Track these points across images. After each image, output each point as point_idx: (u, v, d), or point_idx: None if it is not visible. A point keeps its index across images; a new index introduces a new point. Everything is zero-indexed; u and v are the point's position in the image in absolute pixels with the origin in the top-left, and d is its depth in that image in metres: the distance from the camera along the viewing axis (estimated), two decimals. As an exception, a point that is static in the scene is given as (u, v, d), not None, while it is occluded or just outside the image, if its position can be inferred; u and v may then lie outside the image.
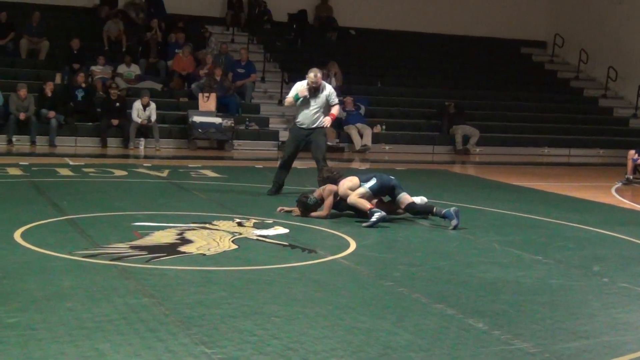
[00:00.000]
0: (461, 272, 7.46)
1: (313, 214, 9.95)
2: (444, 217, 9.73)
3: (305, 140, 11.83)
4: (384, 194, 10.07)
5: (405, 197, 9.97)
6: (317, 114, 11.68)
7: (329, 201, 9.92)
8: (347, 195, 9.81)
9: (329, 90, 11.77)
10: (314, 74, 11.55)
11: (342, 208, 10.10)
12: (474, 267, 7.69)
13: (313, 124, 11.72)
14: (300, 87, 11.69)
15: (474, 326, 5.69)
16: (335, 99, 11.85)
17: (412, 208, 9.96)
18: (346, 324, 5.60)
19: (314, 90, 11.55)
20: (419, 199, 10.28)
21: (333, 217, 9.97)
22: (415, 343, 5.28)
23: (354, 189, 9.84)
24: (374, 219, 9.44)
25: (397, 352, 5.09)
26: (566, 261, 8.13)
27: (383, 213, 9.55)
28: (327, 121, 11.74)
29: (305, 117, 11.70)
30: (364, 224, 9.46)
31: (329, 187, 9.98)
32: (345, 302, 6.16)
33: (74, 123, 18.99)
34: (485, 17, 27.73)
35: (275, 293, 6.36)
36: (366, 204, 9.66)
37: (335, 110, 11.91)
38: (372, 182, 9.83)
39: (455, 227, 9.55)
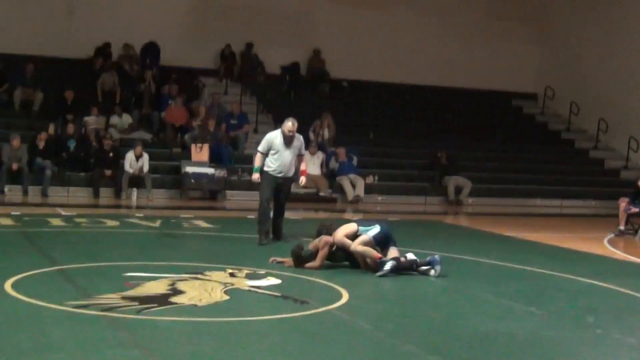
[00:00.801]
0: (454, 323, 7.43)
1: (306, 264, 9.92)
2: (428, 264, 9.70)
3: (277, 187, 12.10)
4: (383, 245, 10.01)
5: (393, 251, 9.91)
6: (292, 162, 12.14)
7: (323, 252, 9.90)
8: (343, 243, 9.81)
9: (301, 140, 12.25)
10: (291, 123, 11.96)
11: (337, 259, 10.07)
12: (467, 318, 7.66)
13: (289, 172, 12.14)
14: (272, 137, 12.05)
15: (467, 378, 5.66)
16: (304, 150, 12.49)
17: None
18: (339, 376, 5.56)
19: (290, 139, 11.91)
20: (410, 255, 10.17)
21: (326, 268, 9.94)
22: (408, 395, 5.24)
23: (350, 235, 9.84)
24: (387, 267, 9.44)
25: (390, 404, 5.05)
26: (559, 312, 8.11)
27: (394, 262, 9.55)
28: (303, 180, 12.78)
29: (282, 166, 12.01)
30: (378, 274, 9.44)
31: (325, 238, 9.98)
32: (338, 354, 6.13)
33: (66, 173, 18.97)
34: (477, 70, 27.94)
35: (268, 345, 6.32)
36: (374, 253, 9.66)
37: (304, 163, 12.75)
38: (376, 230, 9.81)
39: (439, 274, 9.55)
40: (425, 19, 27.49)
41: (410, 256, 10.06)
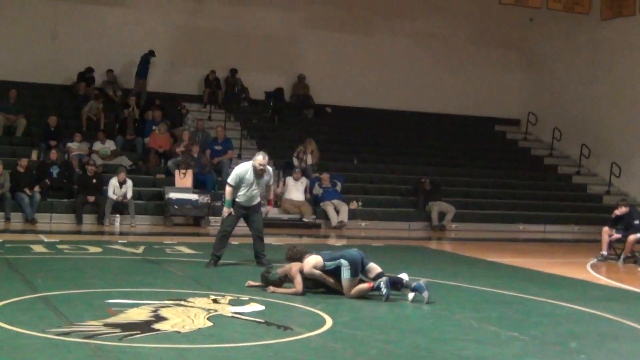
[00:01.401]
0: (438, 349, 7.42)
1: (287, 291, 9.90)
2: (414, 290, 9.71)
3: (244, 216, 12.37)
4: (361, 270, 10.01)
5: (374, 267, 9.96)
6: (256, 194, 12.26)
7: (298, 278, 9.90)
8: (313, 274, 9.86)
9: (270, 173, 12.42)
10: (262, 157, 12.11)
11: (307, 286, 10.05)
12: (451, 344, 7.65)
13: (252, 202, 12.28)
14: (242, 171, 12.10)
15: (451, 404, 5.65)
16: (272, 181, 12.72)
17: (380, 278, 9.90)
18: (322, 403, 5.54)
19: (261, 173, 12.05)
20: (403, 275, 10.17)
21: (309, 294, 9.91)
22: (392, 421, 5.22)
23: (318, 267, 9.88)
24: (383, 287, 9.53)
25: None
26: (543, 337, 8.11)
27: (385, 277, 9.65)
28: (268, 210, 12.46)
29: (249, 197, 12.20)
30: (384, 300, 9.50)
31: (295, 266, 9.98)
32: (321, 380, 6.11)
33: (47, 199, 18.88)
34: (460, 96, 28.15)
35: (251, 371, 6.29)
36: (365, 287, 9.72)
37: (271, 193, 12.92)
38: (346, 271, 9.77)
39: (428, 301, 9.56)
40: (409, 45, 27.70)
41: (404, 276, 10.08)
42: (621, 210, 16.52)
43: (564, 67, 27.72)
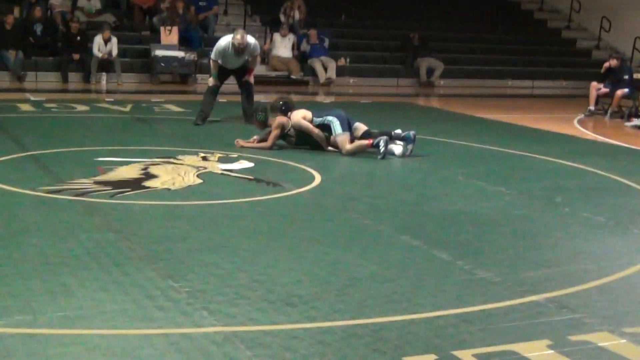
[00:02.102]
0: (425, 204, 7.53)
1: (256, 145, 10.00)
2: (403, 139, 9.80)
3: (233, 75, 12.48)
4: (347, 129, 10.04)
5: (360, 126, 10.01)
6: (242, 60, 12.20)
7: (275, 133, 9.96)
8: (300, 125, 9.91)
9: (252, 46, 12.06)
10: (240, 35, 11.86)
11: (289, 141, 10.11)
12: (438, 199, 7.76)
13: (237, 66, 12.29)
14: (223, 47, 11.96)
15: (437, 257, 5.77)
16: (257, 50, 12.37)
17: (369, 135, 9.95)
18: (311, 256, 5.65)
19: (241, 50, 11.87)
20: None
21: (298, 150, 9.95)
22: (380, 274, 5.34)
23: (308, 119, 9.94)
24: (382, 145, 9.54)
25: (363, 282, 5.15)
26: (529, 192, 8.23)
27: (385, 136, 9.66)
28: (249, 79, 12.46)
29: (232, 64, 12.22)
30: (379, 157, 9.53)
31: (280, 120, 10.01)
32: (310, 235, 6.21)
33: (33, 58, 18.63)
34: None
35: (241, 227, 6.38)
36: (363, 143, 9.73)
37: (254, 63, 12.62)
38: (337, 126, 9.79)
39: (410, 152, 9.70)
40: None
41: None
42: (612, 63, 16.46)
43: None
